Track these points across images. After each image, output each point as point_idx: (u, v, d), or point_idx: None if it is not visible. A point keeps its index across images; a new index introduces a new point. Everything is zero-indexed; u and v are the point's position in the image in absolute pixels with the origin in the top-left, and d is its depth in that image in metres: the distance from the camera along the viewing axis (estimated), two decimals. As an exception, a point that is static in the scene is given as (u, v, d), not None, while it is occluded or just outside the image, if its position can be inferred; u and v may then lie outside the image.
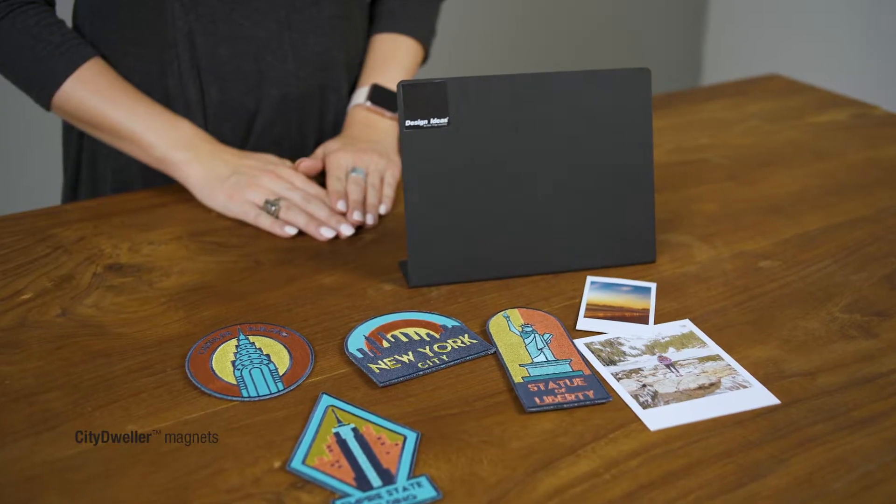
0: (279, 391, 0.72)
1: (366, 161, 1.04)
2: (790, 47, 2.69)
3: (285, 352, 0.77)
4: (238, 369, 0.74)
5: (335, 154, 1.05)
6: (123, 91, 1.03)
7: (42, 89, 1.02)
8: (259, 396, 0.71)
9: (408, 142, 0.85)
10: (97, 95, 1.02)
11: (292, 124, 1.14)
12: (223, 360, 0.75)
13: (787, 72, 1.68)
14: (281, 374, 0.74)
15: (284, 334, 0.79)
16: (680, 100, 1.47)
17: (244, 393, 0.71)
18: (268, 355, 0.76)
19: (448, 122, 0.86)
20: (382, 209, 1.01)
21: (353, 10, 1.15)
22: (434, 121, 0.86)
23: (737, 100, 1.45)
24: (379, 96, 1.13)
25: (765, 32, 2.81)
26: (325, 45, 1.12)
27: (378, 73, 1.16)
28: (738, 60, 2.92)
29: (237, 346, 0.77)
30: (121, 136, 1.03)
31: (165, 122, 1.03)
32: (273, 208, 0.97)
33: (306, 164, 1.04)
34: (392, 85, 1.15)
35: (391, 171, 1.05)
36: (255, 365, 0.75)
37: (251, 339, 0.78)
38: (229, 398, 0.71)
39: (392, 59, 1.18)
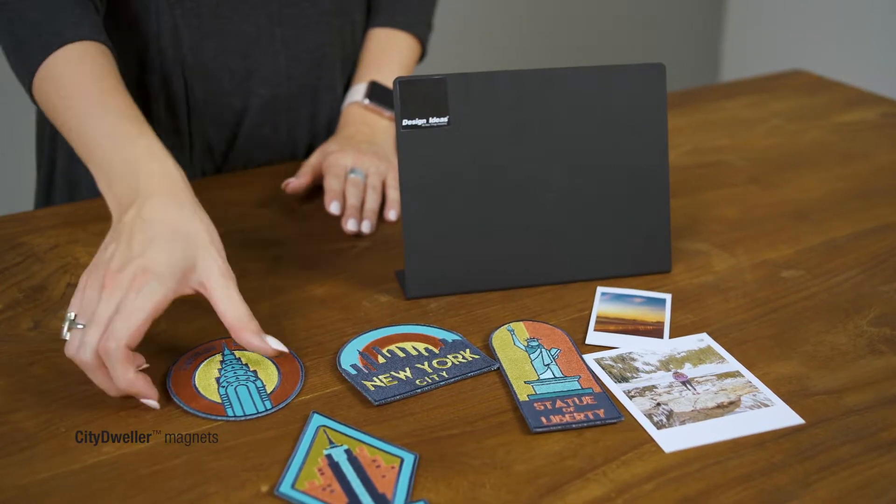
0: (267, 410, 0.72)
1: (366, 163, 1.05)
2: (816, 40, 2.70)
3: (273, 368, 0.77)
4: (223, 387, 0.74)
5: (334, 154, 1.05)
6: (87, 94, 0.86)
7: (23, 80, 0.92)
8: (245, 416, 0.71)
9: (405, 142, 0.86)
10: (58, 94, 0.88)
11: (282, 126, 1.14)
12: (207, 376, 0.76)
13: (812, 67, 1.69)
14: (269, 391, 0.74)
15: None
16: (697, 97, 1.47)
17: (229, 412, 0.72)
18: (255, 371, 0.76)
19: (448, 122, 0.86)
20: (393, 215, 1.02)
21: (349, 4, 1.16)
22: (433, 120, 0.86)
23: (758, 97, 1.45)
24: (378, 94, 1.14)
25: (788, 25, 2.82)
26: (320, 42, 1.13)
27: (375, 69, 1.17)
28: (760, 55, 2.93)
29: (222, 362, 0.77)
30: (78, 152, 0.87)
31: (124, 154, 0.82)
32: (66, 328, 0.73)
33: (294, 184, 1.04)
34: (390, 82, 1.15)
35: (393, 174, 1.06)
36: (241, 382, 0.75)
37: (236, 353, 0.79)
38: (213, 418, 0.71)
39: (389, 55, 1.18)
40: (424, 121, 0.86)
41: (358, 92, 1.14)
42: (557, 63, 2.80)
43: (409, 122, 0.86)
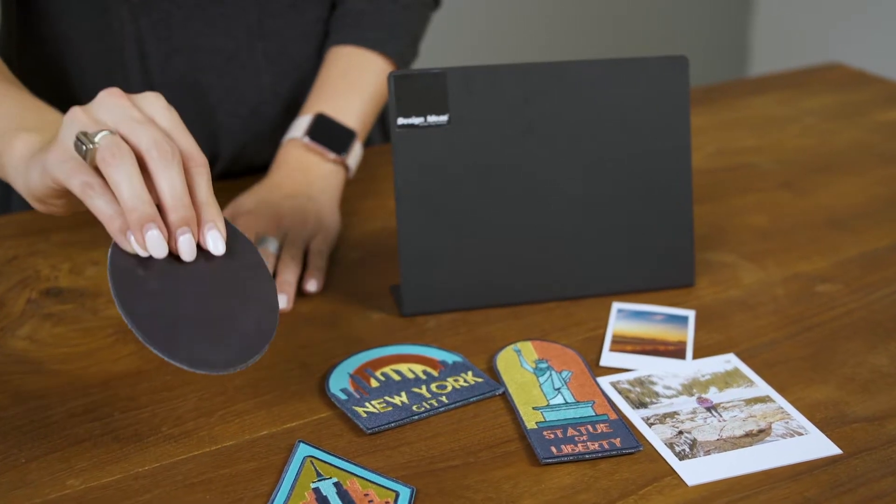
0: None
1: (284, 227, 0.94)
2: (852, 30, 2.71)
3: None
4: None
5: (244, 218, 0.95)
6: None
7: None
8: None
9: (400, 144, 0.86)
10: None
11: (266, 148, 1.11)
12: None
13: (848, 60, 1.69)
14: None
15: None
16: (723, 93, 1.48)
17: None
18: None
19: (448, 121, 0.86)
20: (313, 286, 0.90)
21: None
22: (431, 118, 0.86)
23: (790, 93, 1.45)
24: (323, 130, 1.03)
25: (822, 13, 2.82)
26: (307, 54, 1.12)
27: (327, 98, 1.06)
28: (792, 47, 2.94)
29: None
30: None
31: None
32: (85, 149, 0.67)
33: None
34: (345, 115, 1.05)
35: (322, 237, 0.95)
36: None
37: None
38: None
39: (350, 80, 1.08)
40: (422, 119, 0.86)
41: (300, 126, 1.03)
42: (569, 56, 2.81)
43: (405, 121, 0.86)
